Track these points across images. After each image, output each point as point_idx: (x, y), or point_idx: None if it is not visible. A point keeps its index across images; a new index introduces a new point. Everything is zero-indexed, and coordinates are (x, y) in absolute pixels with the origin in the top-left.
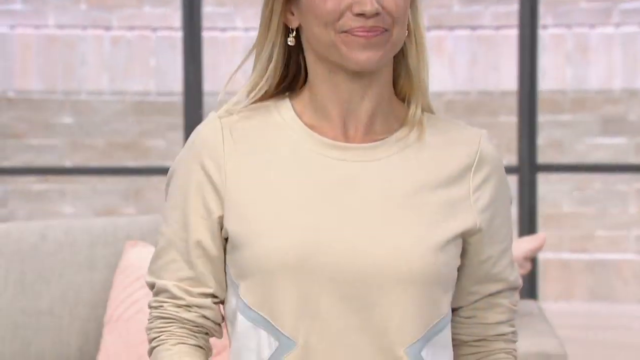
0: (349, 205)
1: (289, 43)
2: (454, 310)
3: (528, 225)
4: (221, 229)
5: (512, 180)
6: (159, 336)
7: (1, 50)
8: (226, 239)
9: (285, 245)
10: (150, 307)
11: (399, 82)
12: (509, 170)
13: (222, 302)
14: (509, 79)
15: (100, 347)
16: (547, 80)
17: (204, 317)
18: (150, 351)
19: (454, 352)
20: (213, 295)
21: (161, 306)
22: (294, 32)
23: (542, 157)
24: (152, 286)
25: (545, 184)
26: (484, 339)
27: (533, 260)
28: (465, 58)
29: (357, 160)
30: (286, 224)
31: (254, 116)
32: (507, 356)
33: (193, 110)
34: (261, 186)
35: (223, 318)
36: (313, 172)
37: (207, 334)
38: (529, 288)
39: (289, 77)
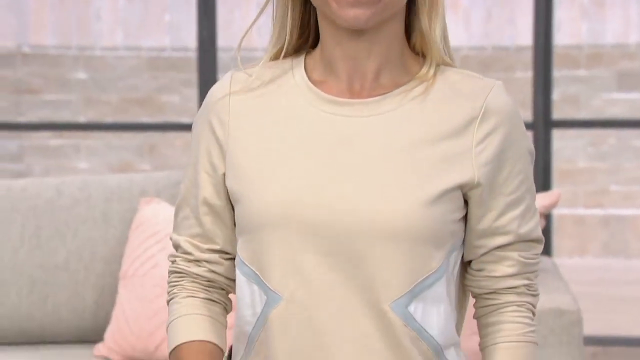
0: (345, 161)
1: None
2: (467, 263)
3: (543, 181)
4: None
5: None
6: (172, 290)
7: (16, 5)
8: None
9: (273, 201)
10: (169, 261)
11: (412, 38)
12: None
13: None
14: (524, 34)
15: (116, 302)
16: (563, 35)
17: (214, 272)
18: (167, 303)
19: (476, 303)
20: (222, 252)
21: (175, 261)
22: None
23: (557, 113)
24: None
25: (560, 139)
26: (494, 292)
27: (547, 217)
28: (480, 13)
29: (359, 116)
30: (277, 180)
31: (266, 74)
32: (519, 309)
33: (207, 66)
34: (259, 143)
35: None
36: (312, 129)
37: (222, 289)
38: (543, 244)
39: (305, 33)
